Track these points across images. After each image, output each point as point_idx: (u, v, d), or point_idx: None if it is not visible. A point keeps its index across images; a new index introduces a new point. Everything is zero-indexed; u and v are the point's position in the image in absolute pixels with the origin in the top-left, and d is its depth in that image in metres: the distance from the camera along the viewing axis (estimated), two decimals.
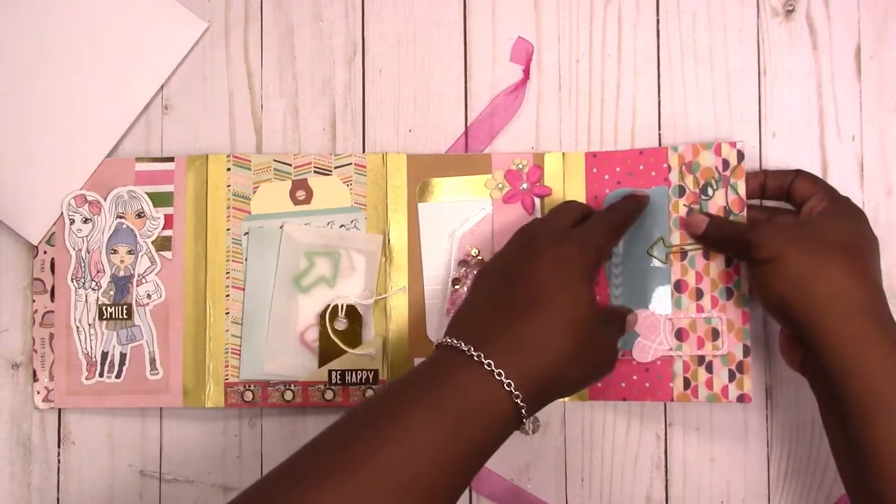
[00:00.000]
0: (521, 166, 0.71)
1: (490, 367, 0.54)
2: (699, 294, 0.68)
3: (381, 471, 0.50)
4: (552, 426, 0.72)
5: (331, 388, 0.70)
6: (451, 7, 0.73)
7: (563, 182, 0.71)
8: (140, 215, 0.71)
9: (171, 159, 0.72)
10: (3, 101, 0.71)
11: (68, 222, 0.71)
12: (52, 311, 0.71)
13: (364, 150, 0.73)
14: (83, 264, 0.71)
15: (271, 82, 0.73)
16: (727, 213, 0.68)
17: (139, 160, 0.72)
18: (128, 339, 0.71)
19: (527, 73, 0.73)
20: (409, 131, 0.73)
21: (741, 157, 0.68)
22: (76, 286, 0.71)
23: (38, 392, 0.71)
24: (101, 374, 0.71)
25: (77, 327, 0.71)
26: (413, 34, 0.73)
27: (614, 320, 0.65)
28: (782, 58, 0.72)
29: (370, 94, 0.73)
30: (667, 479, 0.71)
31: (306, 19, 0.74)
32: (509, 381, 0.54)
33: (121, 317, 0.71)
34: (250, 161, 0.71)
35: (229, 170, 0.71)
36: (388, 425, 0.52)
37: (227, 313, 0.71)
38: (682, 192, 0.69)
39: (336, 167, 0.71)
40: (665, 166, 0.69)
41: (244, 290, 0.71)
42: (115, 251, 0.71)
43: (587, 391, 0.70)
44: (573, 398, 0.70)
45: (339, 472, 0.50)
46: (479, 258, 0.70)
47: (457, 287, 0.71)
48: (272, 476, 0.52)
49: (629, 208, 0.68)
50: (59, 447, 0.72)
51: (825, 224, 0.63)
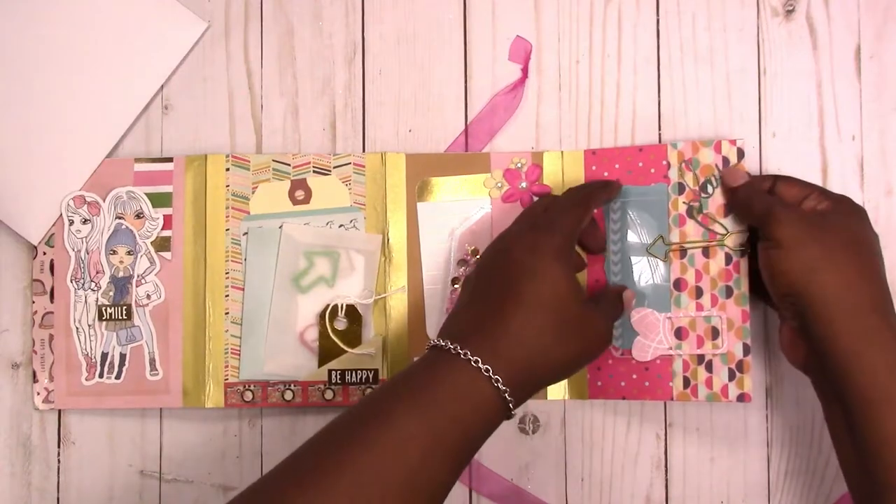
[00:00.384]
0: (519, 165, 0.71)
1: (471, 359, 0.55)
2: (699, 292, 0.68)
3: (369, 470, 0.51)
4: (552, 426, 0.72)
5: (331, 388, 0.70)
6: (451, 7, 0.73)
7: (563, 180, 0.71)
8: (139, 216, 0.71)
9: (169, 160, 0.72)
10: (3, 101, 0.71)
11: (67, 223, 0.71)
12: (52, 312, 0.71)
13: (364, 150, 0.73)
14: (82, 265, 0.71)
15: (271, 82, 0.73)
16: (726, 211, 0.68)
17: (138, 161, 0.72)
18: (127, 340, 0.71)
19: (525, 72, 0.73)
20: (409, 131, 0.73)
21: (741, 154, 0.68)
22: (76, 287, 0.71)
23: (38, 393, 0.71)
24: (100, 375, 0.71)
25: (77, 328, 0.71)
26: (413, 34, 0.73)
27: (607, 299, 0.65)
28: (782, 58, 0.72)
29: (370, 94, 0.73)
30: (667, 479, 0.71)
31: (306, 19, 0.74)
32: (488, 368, 0.54)
33: (120, 317, 0.71)
34: (249, 161, 0.71)
35: (228, 170, 0.71)
36: (377, 425, 0.53)
37: (227, 313, 0.71)
38: (681, 189, 0.69)
39: (335, 167, 0.71)
40: (664, 163, 0.69)
41: (243, 290, 0.71)
42: (114, 252, 0.71)
43: (587, 390, 0.70)
44: (573, 397, 0.70)
45: (326, 474, 0.51)
46: (479, 257, 0.71)
47: (456, 286, 0.71)
48: (263, 481, 0.53)
49: (594, 185, 0.68)
50: (59, 447, 0.72)
51: (837, 220, 0.62)
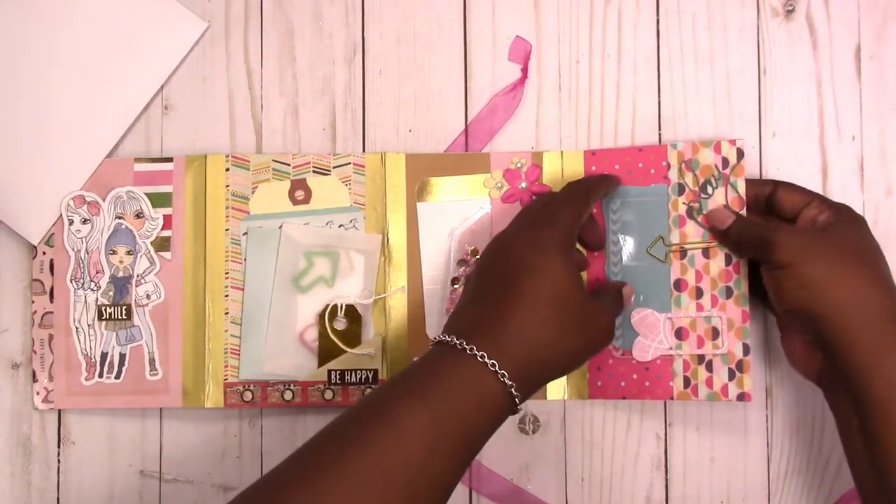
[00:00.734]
0: (519, 165, 0.71)
1: (477, 354, 0.55)
2: (699, 293, 0.68)
3: (371, 468, 0.51)
4: (552, 426, 0.72)
5: (330, 388, 0.70)
6: (451, 7, 0.73)
7: (562, 181, 0.71)
8: (139, 216, 0.71)
9: (169, 160, 0.72)
10: (3, 101, 0.71)
11: (67, 223, 0.71)
12: (52, 312, 0.71)
13: (364, 150, 0.73)
14: (82, 265, 0.71)
15: (271, 82, 0.73)
16: (714, 233, 0.68)
17: (138, 160, 0.72)
18: (127, 340, 0.71)
19: (525, 72, 0.73)
20: (409, 131, 0.73)
21: (741, 154, 0.68)
22: (75, 287, 0.71)
23: (38, 393, 0.71)
24: (100, 375, 0.71)
25: (76, 328, 0.71)
26: (413, 34, 0.73)
27: (608, 294, 0.65)
28: (782, 58, 0.72)
29: (370, 94, 0.73)
30: (667, 479, 0.71)
31: (306, 19, 0.74)
32: (494, 363, 0.54)
33: (120, 317, 0.71)
34: (249, 161, 0.71)
35: (228, 170, 0.71)
36: (378, 423, 0.53)
37: (227, 313, 0.71)
38: (681, 190, 0.69)
39: (335, 167, 0.71)
40: (664, 164, 0.69)
41: (243, 290, 0.71)
42: (114, 252, 0.71)
43: (587, 390, 0.70)
44: (572, 397, 0.70)
45: (327, 472, 0.51)
46: (479, 256, 0.71)
47: (456, 286, 0.71)
48: (263, 480, 0.53)
49: (593, 179, 0.68)
50: (59, 447, 0.72)
51: (840, 232, 0.63)
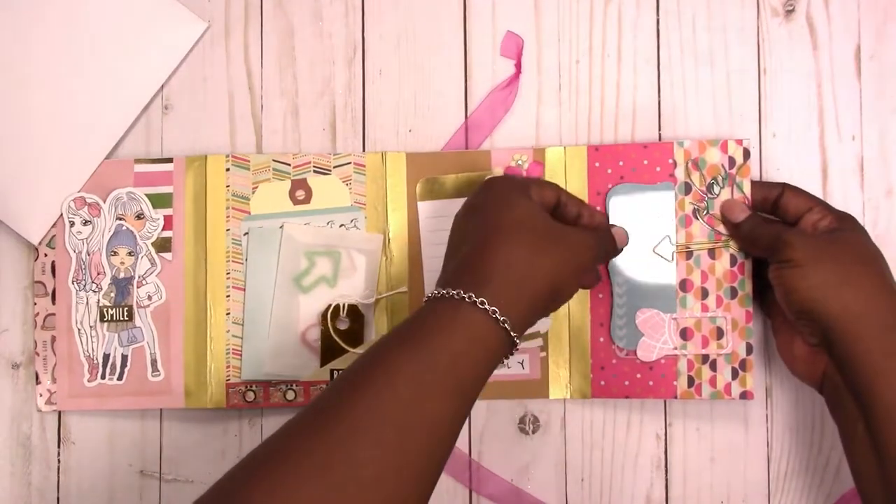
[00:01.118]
0: (520, 162, 0.71)
1: (454, 293, 0.55)
2: (704, 293, 0.68)
3: (366, 409, 0.50)
4: (552, 426, 0.72)
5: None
6: (451, 7, 0.73)
7: (565, 177, 0.71)
8: (139, 217, 0.71)
9: (169, 160, 0.72)
10: (4, 101, 0.71)
11: (68, 225, 0.71)
12: (54, 314, 0.71)
13: (364, 150, 0.73)
14: (84, 266, 0.71)
15: (271, 82, 0.73)
16: (725, 225, 0.68)
17: (138, 161, 0.72)
18: (129, 341, 0.71)
19: (518, 67, 0.73)
20: (409, 131, 0.73)
21: (747, 154, 0.68)
22: (77, 288, 0.71)
23: (41, 395, 0.71)
24: (102, 377, 0.71)
25: (78, 329, 0.71)
26: (413, 34, 0.73)
27: (588, 227, 0.65)
28: (782, 58, 0.72)
29: (370, 94, 0.73)
30: (667, 479, 0.71)
31: (306, 19, 0.74)
32: (470, 295, 0.54)
33: (122, 318, 0.71)
34: (249, 161, 0.71)
35: (228, 170, 0.71)
36: (372, 369, 0.53)
37: (228, 314, 0.71)
38: (688, 189, 0.69)
39: (335, 166, 0.71)
40: (670, 162, 0.69)
41: (245, 290, 0.71)
42: (115, 253, 0.71)
43: (590, 389, 0.70)
44: (575, 396, 0.70)
45: (328, 417, 0.51)
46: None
47: None
48: (272, 437, 0.52)
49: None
50: (59, 447, 0.72)
51: (849, 237, 0.63)
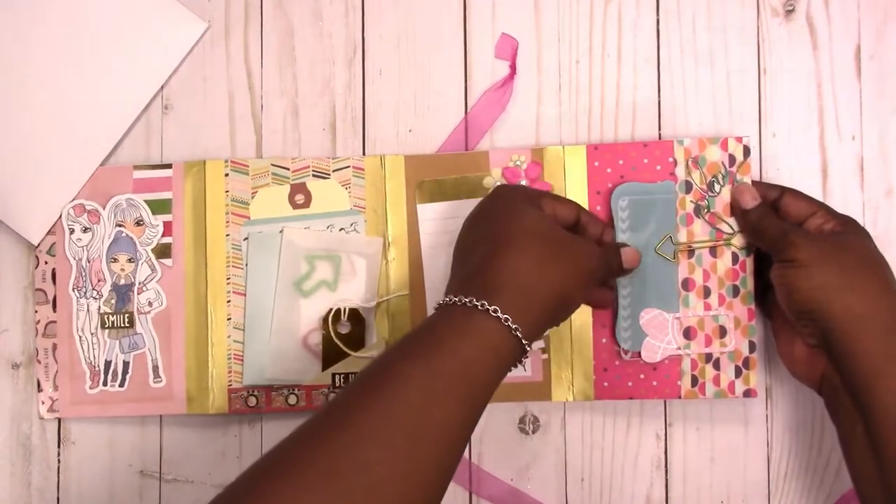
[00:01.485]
0: (518, 163, 0.71)
1: (466, 301, 0.55)
2: (706, 292, 0.69)
3: (376, 416, 0.51)
4: (552, 426, 0.72)
5: (335, 392, 0.70)
6: (451, 7, 0.73)
7: (564, 177, 0.71)
8: (139, 223, 0.71)
9: (168, 166, 0.72)
10: (4, 102, 0.71)
11: (68, 232, 0.71)
12: (55, 322, 0.71)
13: (364, 151, 0.73)
14: (84, 274, 0.71)
15: (271, 82, 0.73)
16: (733, 210, 0.68)
17: (137, 168, 0.72)
18: (130, 348, 0.71)
19: (513, 67, 0.73)
20: (409, 131, 0.73)
21: (747, 152, 0.68)
22: (78, 296, 0.71)
23: (43, 402, 0.71)
24: (104, 383, 0.71)
25: (80, 336, 0.71)
26: (413, 34, 0.73)
27: (595, 242, 0.66)
28: (782, 58, 0.72)
29: (370, 95, 0.73)
30: (667, 479, 0.71)
31: (306, 19, 0.74)
32: (483, 302, 0.55)
33: (123, 325, 0.71)
34: (248, 166, 0.71)
35: (227, 175, 0.71)
36: (381, 377, 0.53)
37: (229, 319, 0.71)
38: (688, 188, 0.69)
39: (334, 170, 0.71)
40: (671, 160, 0.69)
41: (245, 295, 0.71)
42: (115, 260, 0.71)
43: (593, 391, 0.70)
44: (578, 398, 0.70)
45: (338, 424, 0.51)
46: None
47: None
48: (280, 445, 0.52)
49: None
50: (59, 447, 0.72)
51: (853, 241, 0.63)
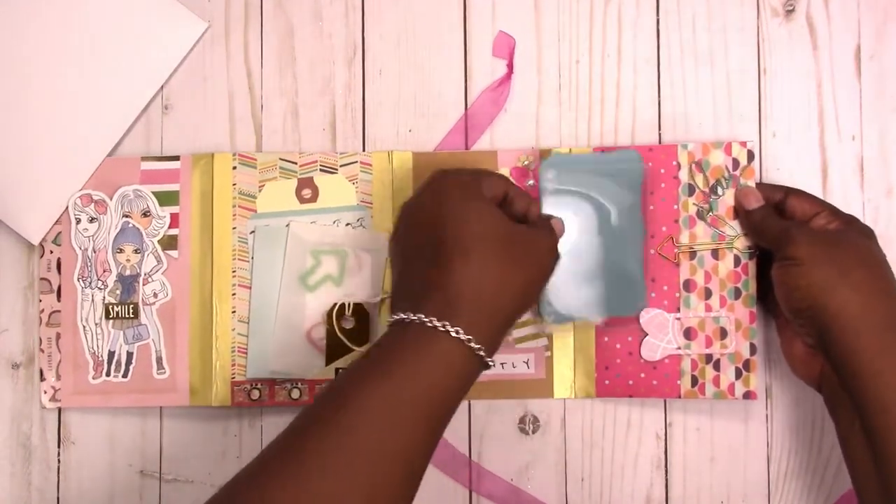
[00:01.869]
0: (527, 163, 0.71)
1: (425, 320, 0.54)
2: (707, 293, 0.69)
3: (335, 448, 0.50)
4: (552, 426, 0.72)
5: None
6: (451, 7, 0.73)
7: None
8: (146, 214, 0.71)
9: (176, 158, 0.72)
10: (3, 102, 0.71)
11: (74, 222, 0.71)
12: (59, 311, 0.71)
13: (364, 150, 0.73)
14: (89, 264, 0.71)
15: (271, 82, 0.73)
16: (736, 213, 0.68)
17: (144, 159, 0.72)
18: (134, 339, 0.71)
19: (510, 67, 0.73)
20: (409, 131, 0.73)
21: (751, 157, 0.68)
22: (83, 285, 0.71)
23: (45, 392, 0.71)
24: (107, 374, 0.71)
25: (84, 326, 0.71)
26: (413, 34, 0.73)
27: (540, 226, 0.64)
28: (782, 58, 0.72)
29: (370, 94, 0.73)
30: (667, 479, 0.71)
31: (306, 19, 0.74)
32: (445, 324, 0.54)
33: (127, 316, 0.71)
34: (256, 160, 0.71)
35: (235, 168, 0.71)
36: (336, 405, 0.52)
37: (234, 312, 0.70)
38: (691, 190, 0.69)
39: (341, 165, 0.71)
40: (674, 164, 0.69)
41: (250, 288, 0.70)
42: (121, 250, 0.71)
43: (594, 389, 0.70)
44: (580, 396, 0.70)
45: (297, 459, 0.50)
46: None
47: None
48: (235, 480, 0.52)
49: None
50: (59, 447, 0.72)
51: (853, 239, 0.63)
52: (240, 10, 0.74)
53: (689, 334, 0.69)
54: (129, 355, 0.71)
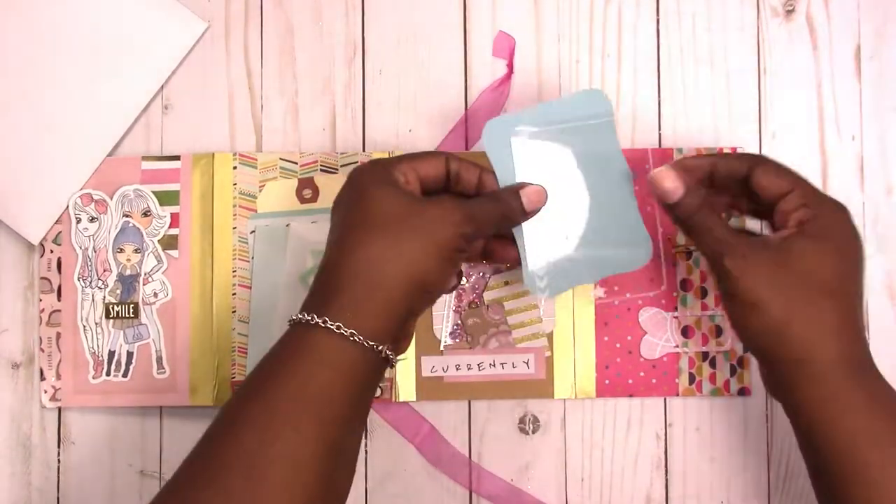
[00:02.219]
0: None
1: (311, 320, 0.53)
2: (703, 292, 0.70)
3: (239, 458, 0.50)
4: (552, 426, 0.72)
5: None
6: (451, 7, 0.73)
7: None
8: (146, 214, 0.71)
9: (176, 158, 0.72)
10: (3, 102, 0.71)
11: (74, 221, 0.71)
12: (59, 311, 0.71)
13: (364, 150, 0.73)
14: (90, 263, 0.71)
15: (271, 82, 0.73)
16: (728, 218, 0.68)
17: (145, 159, 0.72)
18: (134, 338, 0.71)
19: (510, 67, 0.73)
20: (409, 131, 0.73)
21: None
22: (83, 285, 0.71)
23: (46, 391, 0.71)
24: (108, 373, 0.71)
25: (84, 326, 0.71)
26: (413, 34, 0.73)
27: (497, 196, 0.59)
28: (782, 58, 0.72)
29: (370, 94, 0.73)
30: (667, 479, 0.71)
31: (306, 19, 0.74)
32: (339, 324, 0.52)
33: (127, 315, 0.71)
34: (256, 159, 0.71)
35: (235, 168, 0.71)
36: (236, 414, 0.52)
37: (234, 312, 0.70)
38: None
39: (342, 165, 0.71)
40: None
41: (251, 288, 0.71)
42: (121, 250, 0.71)
43: (594, 388, 0.70)
44: (580, 396, 0.70)
45: (200, 479, 0.51)
46: None
47: (463, 284, 0.70)
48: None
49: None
50: (59, 447, 0.72)
51: (807, 249, 0.56)
52: (240, 9, 0.74)
53: (686, 332, 0.70)
54: (130, 355, 0.71)
